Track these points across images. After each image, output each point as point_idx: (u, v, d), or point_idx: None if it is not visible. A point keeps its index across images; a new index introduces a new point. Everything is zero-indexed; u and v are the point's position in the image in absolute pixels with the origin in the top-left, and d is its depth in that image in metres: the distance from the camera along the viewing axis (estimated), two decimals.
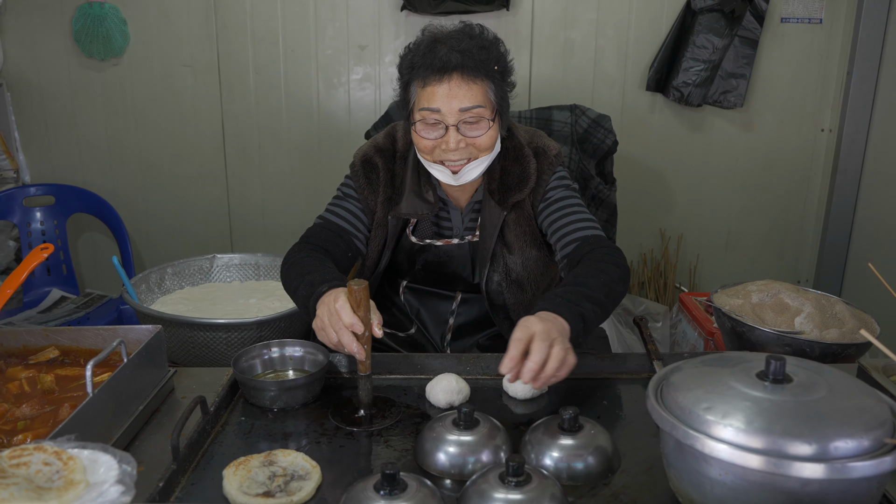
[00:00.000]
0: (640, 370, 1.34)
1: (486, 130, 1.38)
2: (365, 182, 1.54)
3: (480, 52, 1.36)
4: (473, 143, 1.39)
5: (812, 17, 2.69)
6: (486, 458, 1.01)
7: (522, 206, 1.49)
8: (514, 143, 1.50)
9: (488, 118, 1.38)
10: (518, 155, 1.48)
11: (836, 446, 0.77)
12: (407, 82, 1.42)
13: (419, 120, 1.39)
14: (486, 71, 1.36)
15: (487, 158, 1.43)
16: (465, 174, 1.42)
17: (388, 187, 1.52)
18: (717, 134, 2.83)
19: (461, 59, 1.34)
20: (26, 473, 0.75)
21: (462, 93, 1.35)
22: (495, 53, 1.39)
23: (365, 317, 1.14)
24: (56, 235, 2.80)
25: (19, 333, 1.28)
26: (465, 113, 1.35)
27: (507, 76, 1.43)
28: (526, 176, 1.47)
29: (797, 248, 2.96)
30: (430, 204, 1.50)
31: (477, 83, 1.36)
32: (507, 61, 1.43)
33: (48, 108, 2.83)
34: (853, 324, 1.46)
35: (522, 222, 1.50)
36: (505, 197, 1.47)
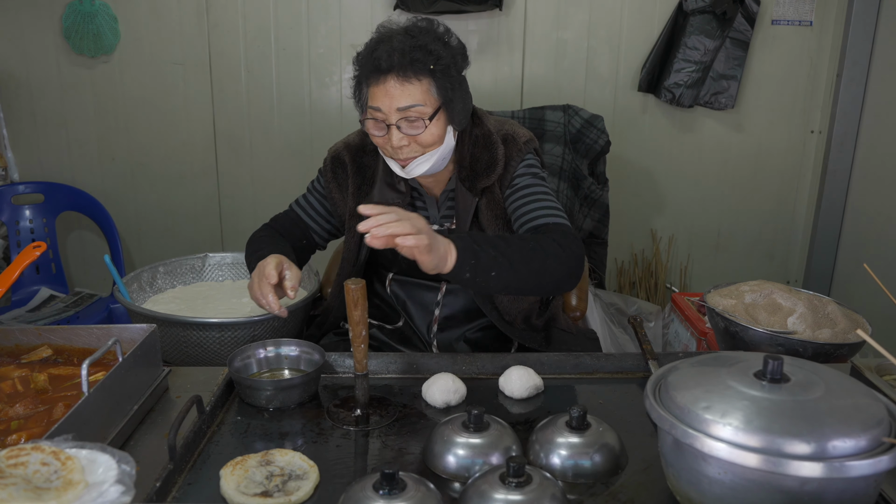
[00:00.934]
0: (635, 370, 1.35)
1: (424, 129, 1.41)
2: (332, 178, 1.61)
3: (416, 52, 1.38)
4: (416, 140, 1.42)
5: (802, 20, 2.72)
6: (496, 461, 1.01)
7: (493, 192, 1.52)
8: (483, 131, 1.53)
9: (427, 116, 1.40)
10: (487, 142, 1.51)
11: (835, 445, 0.78)
12: (358, 81, 1.47)
13: (369, 118, 1.44)
14: (422, 70, 1.38)
15: (435, 153, 1.45)
16: (413, 169, 1.46)
17: (358, 177, 1.57)
18: (708, 135, 2.84)
19: (397, 60, 1.37)
20: (24, 473, 0.74)
21: (398, 93, 1.38)
22: (436, 51, 1.40)
23: (362, 316, 1.14)
24: (45, 234, 2.77)
25: (12, 332, 1.27)
26: (403, 112, 1.39)
27: (451, 72, 1.43)
28: (494, 161, 1.50)
29: (787, 249, 2.98)
30: (401, 194, 1.54)
31: (413, 83, 1.38)
32: (455, 55, 1.44)
33: (37, 106, 2.80)
34: (845, 324, 1.47)
35: (494, 207, 1.52)
36: (474, 183, 1.50)
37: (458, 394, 1.22)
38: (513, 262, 1.28)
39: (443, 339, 1.62)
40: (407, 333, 1.66)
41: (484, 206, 1.52)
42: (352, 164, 1.59)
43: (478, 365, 1.34)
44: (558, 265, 1.33)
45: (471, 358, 1.34)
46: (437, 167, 1.49)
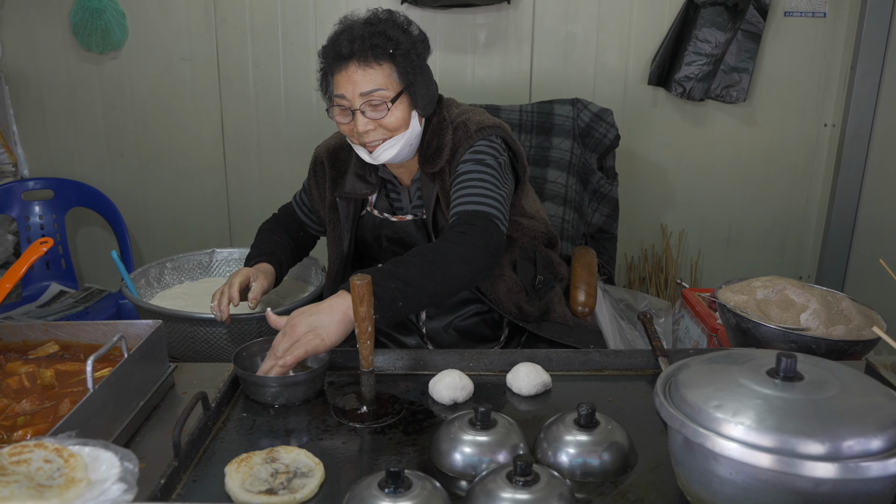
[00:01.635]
0: (644, 366, 1.33)
1: (386, 111, 1.45)
2: (312, 176, 1.71)
3: (375, 38, 1.43)
4: (381, 124, 1.46)
5: (816, 11, 2.68)
6: (503, 459, 0.99)
7: (443, 178, 1.54)
8: (440, 118, 1.55)
9: (389, 99, 1.44)
10: (439, 129, 1.54)
11: (849, 445, 0.76)
12: (324, 72, 1.52)
13: (335, 106, 1.49)
14: (382, 55, 1.43)
15: (401, 137, 1.49)
16: (380, 154, 1.50)
17: (333, 171, 1.65)
18: (720, 128, 2.81)
19: (357, 47, 1.42)
20: (27, 471, 0.73)
21: (359, 78, 1.43)
22: (395, 35, 1.45)
23: (368, 312, 1.13)
24: (55, 229, 2.78)
25: (19, 328, 1.27)
26: (366, 97, 1.44)
27: (412, 56, 1.47)
28: (441, 147, 1.52)
29: (799, 244, 2.95)
30: (370, 185, 1.61)
31: (373, 67, 1.43)
32: (413, 42, 1.48)
33: (46, 102, 2.81)
34: (859, 320, 1.45)
35: (445, 194, 1.53)
36: (425, 168, 1.54)
37: (466, 391, 1.21)
38: (414, 285, 1.28)
39: (432, 327, 1.63)
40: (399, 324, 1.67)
41: (440, 192, 1.54)
42: (328, 160, 1.66)
43: (485, 362, 1.33)
44: (462, 266, 1.34)
45: (478, 354, 1.33)
46: (404, 153, 1.52)
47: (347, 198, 1.63)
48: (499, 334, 1.68)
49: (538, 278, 1.68)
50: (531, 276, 1.67)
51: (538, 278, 1.68)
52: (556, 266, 1.79)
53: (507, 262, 1.63)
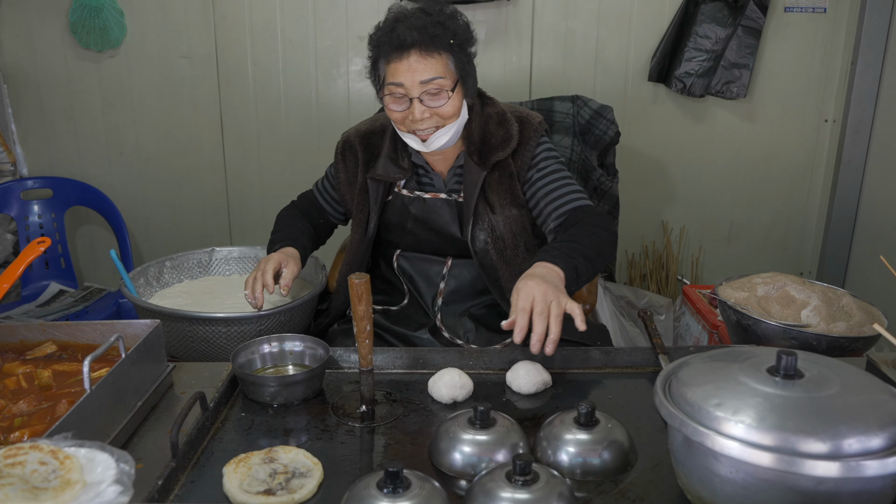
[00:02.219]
0: (645, 364, 1.32)
1: (447, 100, 1.49)
2: (341, 160, 1.72)
3: (435, 28, 1.47)
4: (437, 112, 1.49)
5: (816, 7, 2.66)
6: (502, 458, 0.99)
7: (505, 167, 1.58)
8: (497, 110, 1.62)
9: (448, 88, 1.48)
10: (501, 119, 1.60)
11: (850, 444, 0.76)
12: (375, 60, 1.54)
13: (388, 94, 1.51)
14: (442, 45, 1.47)
15: (454, 125, 1.53)
16: (433, 141, 1.53)
17: (366, 154, 1.68)
18: (720, 125, 2.80)
19: (418, 36, 1.45)
20: (22, 473, 0.73)
21: (421, 67, 1.46)
22: (452, 27, 1.49)
23: (366, 311, 1.13)
24: (54, 229, 2.78)
25: (16, 328, 1.26)
26: (425, 85, 1.47)
27: (466, 47, 1.52)
28: (509, 137, 1.57)
29: (800, 240, 2.94)
30: (403, 170, 1.63)
31: (434, 56, 1.47)
32: (466, 33, 1.53)
33: (45, 101, 2.80)
34: (860, 317, 1.44)
35: (504, 181, 1.58)
36: (486, 158, 1.57)
37: (465, 389, 1.21)
38: (593, 262, 1.40)
39: (447, 312, 1.64)
40: (409, 313, 1.68)
41: (494, 180, 1.58)
42: (360, 144, 1.69)
43: (485, 360, 1.32)
44: (611, 249, 1.49)
45: (478, 353, 1.33)
46: (453, 140, 1.56)
47: (378, 180, 1.64)
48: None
49: None
50: None
51: None
52: None
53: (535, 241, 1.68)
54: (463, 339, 1.62)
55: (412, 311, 1.69)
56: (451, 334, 1.63)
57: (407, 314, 1.69)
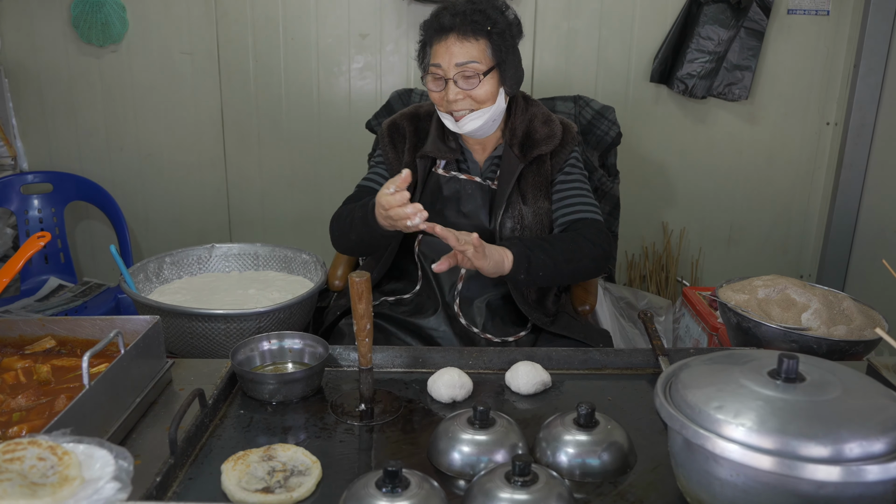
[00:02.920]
0: (644, 366, 1.32)
1: (479, 83, 1.56)
2: (389, 144, 1.74)
3: (475, 15, 1.55)
4: (470, 95, 1.57)
5: (819, 9, 2.66)
6: (501, 459, 0.99)
7: (543, 161, 1.66)
8: (543, 111, 1.71)
9: (481, 72, 1.55)
10: (547, 119, 1.69)
11: (852, 448, 0.75)
12: (423, 44, 1.64)
13: (429, 75, 1.60)
14: (479, 30, 1.55)
15: (487, 111, 1.59)
16: (466, 123, 1.60)
17: (415, 136, 1.73)
18: (722, 126, 2.80)
19: (456, 21, 1.55)
20: (20, 469, 0.73)
21: (457, 50, 1.55)
22: (493, 16, 1.57)
23: (367, 309, 1.12)
24: (54, 223, 2.77)
25: (15, 323, 1.25)
26: (460, 67, 1.55)
27: (507, 37, 1.58)
28: (552, 135, 1.66)
29: (800, 243, 2.94)
30: (451, 150, 1.69)
31: (470, 41, 1.55)
32: (510, 24, 1.60)
33: (46, 95, 2.79)
34: (861, 320, 1.44)
35: (541, 175, 1.66)
36: (528, 151, 1.64)
37: (465, 389, 1.20)
38: (557, 263, 1.50)
39: (465, 299, 1.66)
40: (421, 300, 1.70)
41: (531, 173, 1.65)
42: (408, 125, 1.75)
43: (484, 360, 1.32)
44: (590, 263, 1.55)
45: (477, 352, 1.32)
46: (486, 128, 1.62)
47: (426, 157, 1.70)
48: (526, 320, 1.68)
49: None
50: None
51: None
52: None
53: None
54: (479, 328, 1.64)
55: (424, 298, 1.70)
56: (467, 321, 1.64)
57: (419, 301, 1.70)
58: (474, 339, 1.63)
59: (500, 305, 1.67)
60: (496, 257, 1.42)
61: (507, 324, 1.66)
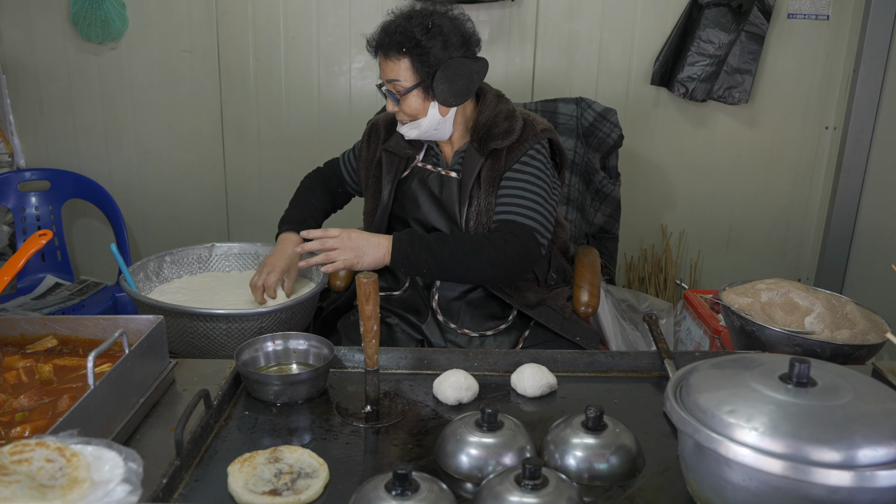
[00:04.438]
0: (650, 368, 1.32)
1: (403, 99, 1.63)
2: (366, 140, 1.86)
3: (397, 35, 1.60)
4: (401, 109, 1.65)
5: (819, 14, 2.67)
6: (509, 461, 0.98)
7: (499, 156, 1.67)
8: (510, 108, 1.72)
9: (403, 90, 1.62)
10: (509, 116, 1.70)
11: (865, 453, 0.75)
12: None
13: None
14: (402, 49, 1.60)
15: (420, 123, 1.66)
16: (407, 131, 1.69)
17: (387, 135, 1.80)
18: (721, 130, 2.80)
19: (385, 40, 1.63)
20: (28, 470, 0.72)
21: (385, 67, 1.64)
22: (417, 35, 1.59)
23: (374, 310, 1.12)
24: (51, 221, 2.75)
25: (17, 322, 1.24)
26: (390, 84, 1.64)
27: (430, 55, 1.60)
28: (510, 131, 1.67)
29: (799, 246, 2.94)
30: (413, 147, 1.76)
31: (393, 60, 1.62)
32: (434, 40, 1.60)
33: (44, 92, 2.77)
34: (864, 324, 1.44)
35: (494, 170, 1.67)
36: (486, 144, 1.67)
37: (471, 391, 1.20)
38: (442, 265, 1.54)
39: (444, 296, 1.71)
40: (411, 299, 1.75)
41: (487, 166, 1.67)
42: (385, 127, 1.82)
43: (490, 362, 1.32)
44: (489, 268, 1.55)
45: (482, 354, 1.32)
46: (429, 135, 1.69)
47: (392, 153, 1.77)
48: (507, 313, 1.72)
49: (551, 275, 1.77)
50: (545, 271, 1.76)
51: (551, 275, 1.77)
52: (567, 272, 1.87)
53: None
54: (456, 324, 1.70)
55: (413, 297, 1.75)
56: (445, 317, 1.70)
57: (405, 299, 1.76)
58: (451, 334, 1.70)
59: (480, 300, 1.72)
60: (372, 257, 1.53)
61: (486, 318, 1.71)
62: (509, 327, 1.71)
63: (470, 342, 1.69)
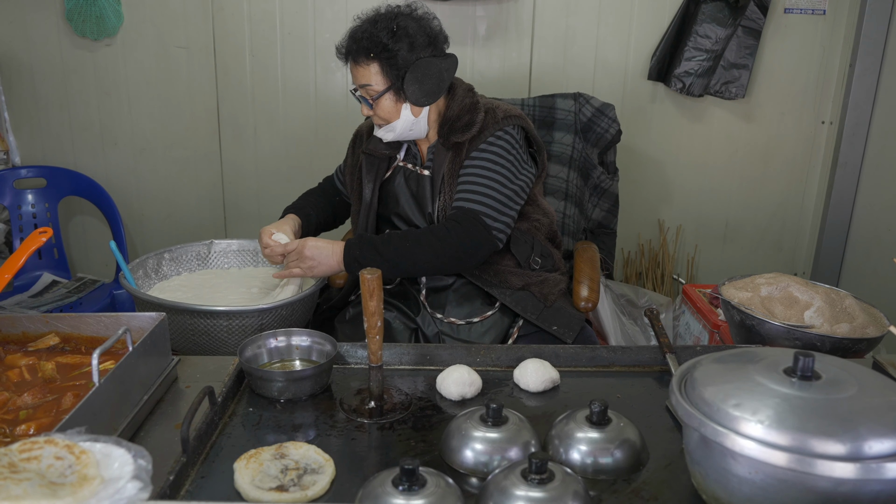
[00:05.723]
0: (652, 363, 1.33)
1: (376, 103, 1.66)
2: (350, 147, 1.91)
3: (364, 41, 1.62)
4: (374, 113, 1.68)
5: (815, 9, 2.68)
6: (514, 456, 0.99)
7: (460, 150, 1.69)
8: (473, 101, 1.73)
9: (376, 94, 1.64)
10: (472, 108, 1.71)
11: (871, 445, 0.76)
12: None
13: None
14: (370, 55, 1.62)
15: (395, 125, 1.69)
16: (382, 134, 1.72)
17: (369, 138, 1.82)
18: (718, 125, 2.81)
19: (353, 47, 1.65)
20: (38, 468, 0.72)
21: (356, 73, 1.67)
22: (384, 40, 1.61)
23: (378, 306, 1.12)
24: (47, 219, 2.74)
25: (18, 320, 1.24)
26: (362, 89, 1.67)
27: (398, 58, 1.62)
28: (471, 123, 1.69)
29: (795, 241, 2.96)
30: (391, 147, 1.78)
31: (362, 66, 1.64)
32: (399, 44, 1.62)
33: (39, 89, 2.76)
34: (863, 318, 1.45)
35: (455, 163, 1.70)
36: (449, 139, 1.69)
37: (474, 386, 1.20)
38: (388, 262, 1.58)
39: (431, 288, 1.74)
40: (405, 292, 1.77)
41: (449, 160, 1.70)
42: (366, 131, 1.86)
43: (492, 357, 1.32)
44: (432, 258, 1.59)
45: (485, 349, 1.32)
46: (405, 135, 1.72)
47: (371, 155, 1.80)
48: (494, 301, 1.73)
49: (534, 259, 1.76)
50: (526, 254, 1.76)
51: (534, 259, 1.76)
52: (556, 260, 1.84)
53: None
54: (443, 314, 1.71)
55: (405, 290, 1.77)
56: (433, 308, 1.72)
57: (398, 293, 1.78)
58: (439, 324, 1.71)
59: (467, 290, 1.73)
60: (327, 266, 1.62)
61: (472, 306, 1.72)
62: (496, 314, 1.70)
63: (458, 330, 1.69)
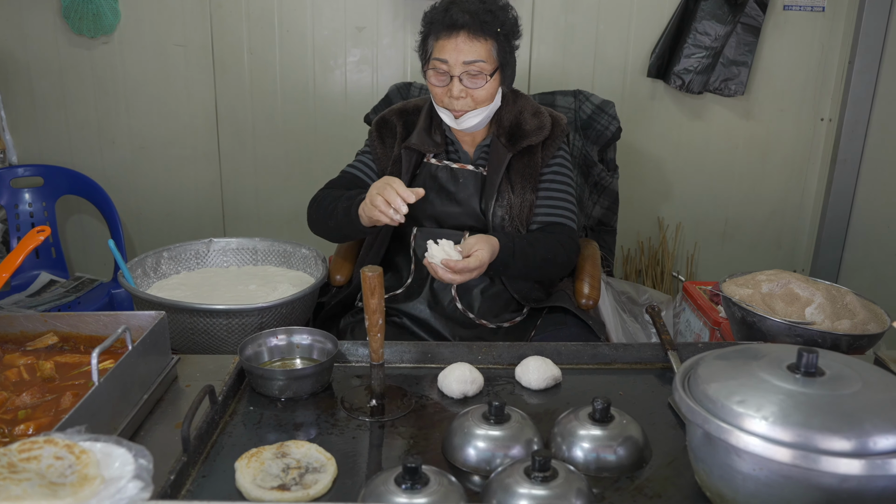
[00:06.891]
0: (654, 360, 1.32)
1: (484, 83, 1.59)
2: (378, 138, 1.78)
3: (486, 15, 1.57)
4: (472, 95, 1.59)
5: (815, 6, 2.67)
6: (517, 454, 0.98)
7: (533, 153, 1.69)
8: (532, 104, 1.74)
9: (488, 73, 1.59)
10: (536, 112, 1.72)
11: (876, 441, 0.76)
12: (425, 35, 1.65)
13: (431, 69, 1.61)
14: (489, 31, 1.57)
15: (486, 110, 1.63)
16: (465, 120, 1.63)
17: (404, 131, 1.76)
18: (717, 122, 2.81)
19: (468, 19, 1.56)
20: (37, 468, 0.71)
21: (467, 48, 1.57)
22: (501, 17, 1.60)
23: (379, 304, 1.11)
24: (45, 218, 2.73)
25: (17, 319, 1.23)
26: (468, 66, 1.57)
27: (511, 38, 1.63)
28: (542, 127, 1.70)
29: (794, 238, 2.95)
30: (436, 144, 1.71)
31: (480, 41, 1.57)
32: (514, 25, 1.64)
33: (36, 87, 2.75)
34: (864, 315, 1.45)
35: (530, 166, 1.69)
36: (517, 141, 1.67)
37: (476, 384, 1.20)
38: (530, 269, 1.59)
39: (462, 287, 1.68)
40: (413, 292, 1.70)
41: (521, 163, 1.68)
42: (398, 120, 1.78)
43: (494, 354, 1.31)
44: (558, 270, 1.65)
45: (486, 347, 1.32)
46: (483, 124, 1.66)
47: (412, 150, 1.72)
48: (522, 306, 1.72)
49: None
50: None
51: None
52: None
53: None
54: (475, 314, 1.67)
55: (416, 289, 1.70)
56: (464, 306, 1.67)
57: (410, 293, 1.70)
58: (468, 323, 1.66)
59: (498, 291, 1.70)
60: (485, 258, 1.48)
61: (502, 310, 1.70)
62: (525, 319, 1.72)
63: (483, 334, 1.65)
